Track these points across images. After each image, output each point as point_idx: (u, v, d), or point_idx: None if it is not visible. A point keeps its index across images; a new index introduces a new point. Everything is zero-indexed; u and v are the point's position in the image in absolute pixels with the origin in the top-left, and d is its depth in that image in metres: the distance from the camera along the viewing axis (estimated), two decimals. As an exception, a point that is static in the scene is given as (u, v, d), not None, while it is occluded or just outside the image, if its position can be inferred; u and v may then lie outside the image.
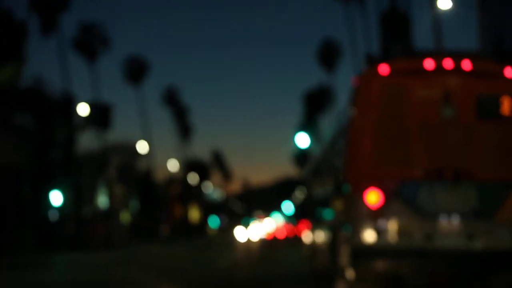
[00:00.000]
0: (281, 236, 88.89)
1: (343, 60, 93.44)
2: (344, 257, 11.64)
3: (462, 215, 10.82)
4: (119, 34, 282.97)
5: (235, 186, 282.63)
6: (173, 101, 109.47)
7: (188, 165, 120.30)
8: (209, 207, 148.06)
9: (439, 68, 11.21)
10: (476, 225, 10.79)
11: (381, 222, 10.80)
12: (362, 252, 10.89)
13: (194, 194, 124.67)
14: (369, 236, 10.86)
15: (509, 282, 10.69)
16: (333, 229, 13.21)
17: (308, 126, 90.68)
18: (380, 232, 10.82)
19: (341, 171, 11.98)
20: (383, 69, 11.20)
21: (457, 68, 11.17)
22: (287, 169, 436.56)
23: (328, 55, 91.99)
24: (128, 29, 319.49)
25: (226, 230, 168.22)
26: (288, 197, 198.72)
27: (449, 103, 10.98)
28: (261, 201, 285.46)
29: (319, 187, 17.49)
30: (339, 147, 12.85)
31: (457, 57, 11.27)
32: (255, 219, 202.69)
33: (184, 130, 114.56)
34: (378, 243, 10.83)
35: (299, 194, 76.01)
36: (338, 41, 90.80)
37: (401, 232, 10.82)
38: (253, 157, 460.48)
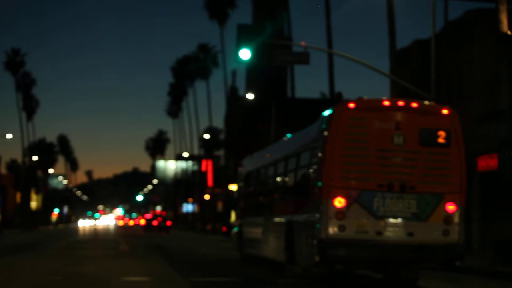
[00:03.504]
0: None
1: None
2: (308, 245, 15.11)
3: (405, 218, 14.61)
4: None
5: (80, 176, 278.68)
6: (17, 67, 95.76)
7: (31, 148, 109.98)
8: (51, 196, 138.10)
9: (393, 106, 14.90)
10: (415, 225, 14.58)
11: (344, 221, 14.42)
12: (328, 242, 14.45)
13: (36, 180, 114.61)
14: (334, 230, 14.46)
15: (436, 265, 15.77)
16: (291, 225, 16.66)
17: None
18: (342, 228, 14.43)
19: (308, 180, 15.65)
20: (351, 105, 14.77)
21: (407, 107, 14.89)
22: (126, 167, 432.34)
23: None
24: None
25: (69, 221, 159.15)
26: (140, 191, 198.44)
27: (399, 133, 14.70)
28: (104, 194, 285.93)
29: (263, 192, 20.82)
30: (303, 162, 16.34)
31: (408, 99, 15.21)
32: (98, 213, 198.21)
33: (29, 104, 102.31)
34: (341, 236, 14.45)
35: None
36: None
37: (358, 228, 14.48)
38: (97, 149, 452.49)
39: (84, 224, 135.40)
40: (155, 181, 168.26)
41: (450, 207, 14.80)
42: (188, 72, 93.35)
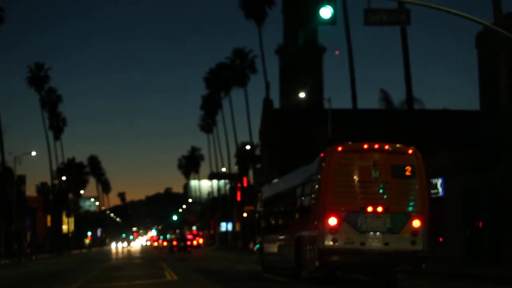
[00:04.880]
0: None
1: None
2: (311, 254, 20.05)
3: (382, 231, 19.37)
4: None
5: (113, 198, 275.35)
6: (41, 83, 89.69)
7: (60, 168, 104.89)
8: (84, 219, 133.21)
9: (371, 148, 19.77)
10: (390, 237, 19.33)
11: (336, 235, 19.28)
12: (325, 251, 19.32)
13: (66, 203, 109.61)
14: (329, 242, 19.31)
15: (406, 268, 20.02)
16: (299, 239, 21.56)
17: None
18: (335, 240, 19.24)
19: (310, 205, 20.78)
20: (339, 148, 19.79)
21: (381, 148, 19.81)
22: (158, 188, 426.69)
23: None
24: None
25: (103, 244, 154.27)
26: (174, 211, 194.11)
27: (376, 168, 19.51)
28: (137, 216, 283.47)
29: (277, 214, 26.40)
30: (306, 191, 21.51)
31: (382, 143, 19.95)
32: (133, 235, 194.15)
33: (56, 123, 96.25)
34: (334, 246, 19.25)
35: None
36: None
37: (347, 240, 19.26)
38: (128, 171, 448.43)
39: (118, 246, 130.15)
40: (190, 200, 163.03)
41: (416, 223, 19.38)
42: (222, 81, 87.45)
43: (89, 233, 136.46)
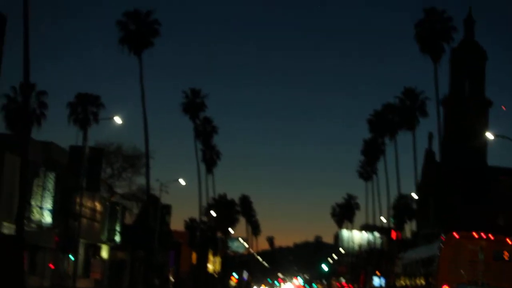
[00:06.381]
0: None
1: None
2: None
3: None
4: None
5: (261, 242, 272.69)
6: (196, 110, 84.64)
7: (212, 205, 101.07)
8: (230, 259, 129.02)
9: (479, 237, 26.40)
10: None
11: None
12: None
13: (214, 240, 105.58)
14: None
15: None
16: None
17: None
18: None
19: (431, 275, 28.08)
20: (456, 235, 26.56)
21: (486, 238, 26.36)
22: (306, 236, 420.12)
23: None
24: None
25: (249, 287, 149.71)
26: (324, 260, 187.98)
27: (482, 252, 25.91)
28: (284, 263, 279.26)
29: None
30: (430, 265, 28.38)
31: (487, 233, 26.73)
32: (277, 281, 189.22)
33: (209, 156, 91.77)
34: None
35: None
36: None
37: None
38: (277, 216, 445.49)
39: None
40: (342, 251, 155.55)
41: None
42: (389, 124, 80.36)
43: (235, 275, 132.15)
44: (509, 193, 43.36)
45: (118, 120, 50.11)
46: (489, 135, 46.23)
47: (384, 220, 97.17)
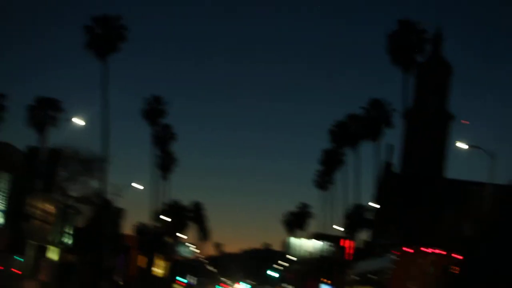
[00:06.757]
0: None
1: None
2: None
3: None
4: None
5: (210, 248, 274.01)
6: (154, 117, 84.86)
7: (164, 210, 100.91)
8: (177, 263, 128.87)
9: (428, 251, 27.28)
10: None
11: None
12: None
13: (163, 245, 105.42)
14: None
15: None
16: None
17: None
18: None
19: (382, 287, 30.24)
20: (407, 249, 27.35)
21: (436, 252, 27.53)
22: (257, 244, 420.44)
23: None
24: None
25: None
26: (272, 267, 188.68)
27: (432, 266, 26.97)
28: (230, 269, 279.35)
29: None
30: (382, 277, 29.48)
31: (437, 248, 28.28)
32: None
33: (165, 161, 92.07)
34: None
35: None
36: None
37: None
38: (227, 223, 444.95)
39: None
40: (294, 258, 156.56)
41: None
42: (351, 135, 79.98)
43: (180, 279, 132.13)
44: (473, 204, 43.21)
45: (77, 121, 50.01)
46: (461, 145, 45.87)
47: (340, 229, 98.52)
